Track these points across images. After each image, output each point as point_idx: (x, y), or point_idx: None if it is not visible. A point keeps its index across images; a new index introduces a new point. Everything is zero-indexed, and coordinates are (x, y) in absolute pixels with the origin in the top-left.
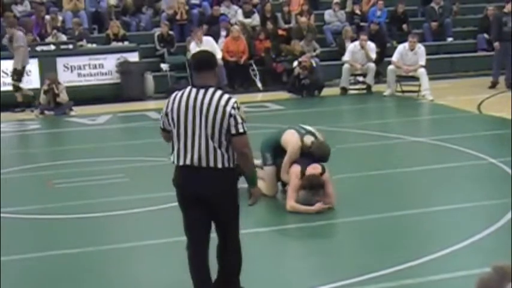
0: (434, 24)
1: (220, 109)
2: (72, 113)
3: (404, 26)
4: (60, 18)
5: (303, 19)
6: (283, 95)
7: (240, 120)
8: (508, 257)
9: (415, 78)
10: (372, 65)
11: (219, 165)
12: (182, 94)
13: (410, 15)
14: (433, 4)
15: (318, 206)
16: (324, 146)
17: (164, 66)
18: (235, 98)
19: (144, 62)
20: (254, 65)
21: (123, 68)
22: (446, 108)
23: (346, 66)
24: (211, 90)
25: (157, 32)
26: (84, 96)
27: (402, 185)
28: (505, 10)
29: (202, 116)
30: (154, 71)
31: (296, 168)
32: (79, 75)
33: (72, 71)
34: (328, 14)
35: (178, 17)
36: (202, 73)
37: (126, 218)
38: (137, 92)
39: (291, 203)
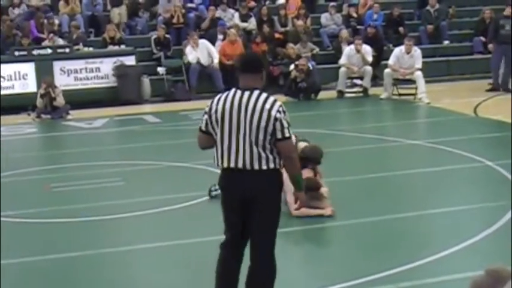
0: (430, 27)
1: (265, 113)
2: (69, 117)
3: (401, 29)
4: (56, 22)
5: (300, 22)
6: (280, 98)
7: (286, 125)
8: (504, 260)
9: (412, 81)
10: (369, 68)
11: (264, 167)
12: (227, 96)
13: (407, 19)
14: (428, 7)
15: (329, 209)
16: (317, 148)
17: (161, 69)
18: (281, 102)
19: (141, 66)
20: None
21: (120, 71)
22: (442, 111)
23: (342, 69)
24: (256, 92)
25: (153, 35)
26: (81, 99)
27: (399, 188)
28: (505, 13)
29: (247, 120)
30: (151, 75)
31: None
32: (76, 78)
33: (68, 74)
34: (324, 17)
35: (174, 20)
36: (247, 75)
37: (123, 221)
38: (134, 96)
39: (294, 210)
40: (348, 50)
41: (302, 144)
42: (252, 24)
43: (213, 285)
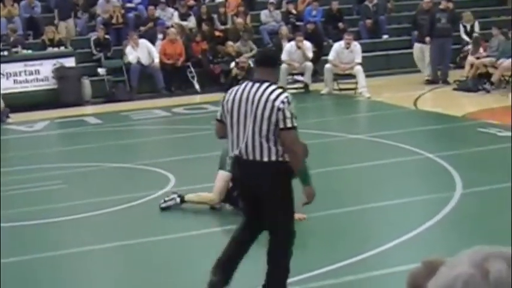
0: (369, 21)
1: (269, 103)
2: (9, 120)
3: (340, 25)
4: None
5: (239, 20)
6: (221, 96)
7: (288, 115)
8: (446, 251)
9: (352, 76)
10: (309, 64)
11: (265, 159)
12: (239, 87)
13: (346, 14)
14: (367, 2)
15: (298, 214)
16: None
17: (101, 70)
18: (288, 94)
19: (81, 67)
20: (191, 67)
21: (60, 73)
22: (383, 104)
23: (283, 66)
24: (265, 84)
25: (93, 36)
26: (21, 103)
27: (341, 183)
28: (441, 6)
29: (252, 110)
30: (91, 76)
31: None
32: (15, 81)
33: (7, 77)
34: (264, 14)
35: (114, 20)
36: (260, 69)
37: (65, 224)
38: (74, 97)
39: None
40: (288, 46)
41: None
42: (191, 22)
43: (160, 284)
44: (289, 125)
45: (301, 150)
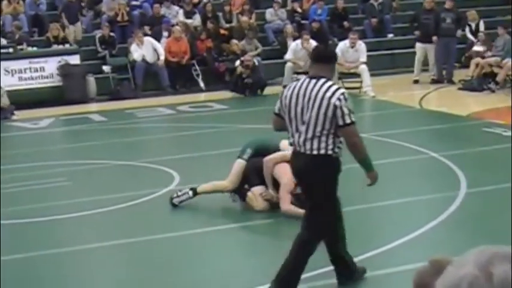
0: (374, 20)
1: (326, 100)
2: (14, 117)
3: (345, 23)
4: None
5: (244, 18)
6: (226, 94)
7: (346, 111)
8: (450, 250)
9: (357, 75)
10: None
11: (315, 152)
12: (297, 83)
13: (351, 12)
14: (372, 1)
15: None
16: None
17: (106, 68)
18: (344, 90)
19: (86, 64)
20: (196, 65)
21: (65, 70)
22: (388, 103)
23: (288, 64)
24: (321, 81)
25: (98, 34)
26: (26, 100)
27: (346, 182)
28: (446, 6)
29: (309, 106)
30: (96, 73)
31: (289, 170)
32: (20, 79)
33: (13, 74)
34: (269, 13)
35: (119, 18)
36: (317, 65)
37: (69, 221)
38: (79, 95)
39: (287, 206)
40: (293, 45)
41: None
42: (196, 20)
43: (164, 282)
44: (348, 121)
45: (361, 142)
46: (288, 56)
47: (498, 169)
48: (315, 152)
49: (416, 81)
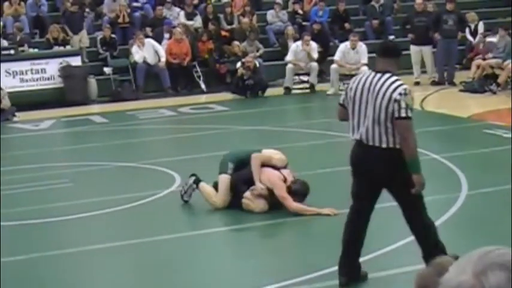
0: (375, 22)
1: (388, 94)
2: (15, 119)
3: (346, 25)
4: (1, 23)
5: (245, 20)
6: (227, 96)
7: (403, 105)
8: (451, 252)
9: None
10: (315, 65)
11: (384, 145)
12: (362, 76)
13: (352, 14)
14: (373, 2)
15: (329, 209)
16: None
17: (107, 69)
18: (407, 85)
19: (87, 66)
20: (197, 67)
21: (66, 72)
22: None
23: (289, 66)
24: (386, 75)
25: (99, 35)
26: (27, 101)
27: (348, 183)
28: (447, 8)
29: (372, 99)
30: (97, 75)
31: (276, 172)
32: (21, 80)
33: (14, 76)
34: (270, 14)
35: (120, 20)
36: (382, 59)
37: (72, 223)
38: (80, 96)
39: (294, 204)
40: (294, 46)
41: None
42: (197, 22)
43: (165, 283)
44: (403, 114)
45: (413, 140)
46: (288, 57)
47: (499, 171)
48: (383, 145)
49: (417, 83)
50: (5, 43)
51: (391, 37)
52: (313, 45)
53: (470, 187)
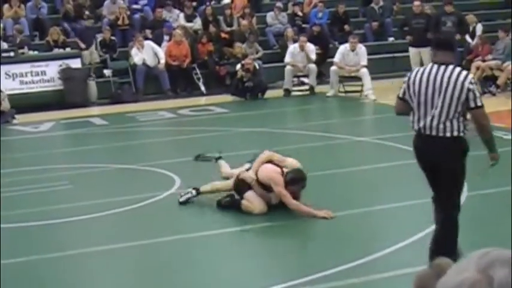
0: (375, 24)
1: (459, 84)
2: (15, 121)
3: (346, 27)
4: (1, 25)
5: (245, 22)
6: (227, 98)
7: (478, 95)
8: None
9: (358, 79)
10: (313, 66)
11: (448, 134)
12: (424, 70)
13: (351, 16)
14: (373, 4)
15: (325, 212)
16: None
17: (107, 71)
18: (472, 74)
19: (87, 68)
20: (197, 69)
21: (66, 74)
22: (388, 107)
23: (288, 67)
24: (450, 67)
25: (99, 37)
26: (27, 103)
27: (347, 185)
28: (446, 10)
29: (442, 90)
30: (97, 77)
31: (276, 168)
32: (21, 82)
33: (14, 78)
34: (270, 16)
35: (119, 22)
36: (441, 52)
37: (71, 225)
38: (80, 99)
39: (294, 203)
40: (291, 48)
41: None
42: (197, 24)
43: (165, 284)
44: (479, 103)
45: (489, 124)
46: (286, 59)
47: (499, 172)
48: (448, 134)
49: None
50: (5, 45)
51: (391, 39)
52: (311, 46)
53: (470, 188)
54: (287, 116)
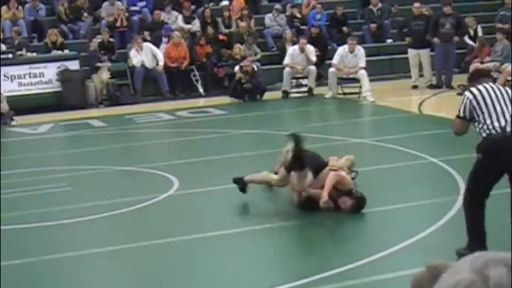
0: (373, 26)
1: None
2: (13, 123)
3: (344, 29)
4: None
5: (243, 23)
6: (225, 99)
7: None
8: (449, 255)
9: (356, 80)
10: (313, 68)
11: None
12: (481, 85)
13: (350, 18)
14: (371, 6)
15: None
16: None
17: (105, 74)
18: None
19: (85, 70)
20: (195, 71)
21: (64, 76)
22: (387, 109)
23: (287, 69)
24: None
25: (97, 39)
26: (25, 105)
27: None
28: (444, 11)
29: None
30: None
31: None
32: (19, 84)
33: (12, 80)
34: (268, 18)
35: (118, 24)
36: None
37: (71, 227)
38: (78, 100)
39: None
40: (291, 50)
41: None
42: (195, 26)
43: (164, 286)
44: None
45: None
46: (286, 61)
47: None
48: None
49: (415, 87)
50: (3, 47)
51: (389, 41)
52: (311, 48)
53: None
54: (285, 117)
